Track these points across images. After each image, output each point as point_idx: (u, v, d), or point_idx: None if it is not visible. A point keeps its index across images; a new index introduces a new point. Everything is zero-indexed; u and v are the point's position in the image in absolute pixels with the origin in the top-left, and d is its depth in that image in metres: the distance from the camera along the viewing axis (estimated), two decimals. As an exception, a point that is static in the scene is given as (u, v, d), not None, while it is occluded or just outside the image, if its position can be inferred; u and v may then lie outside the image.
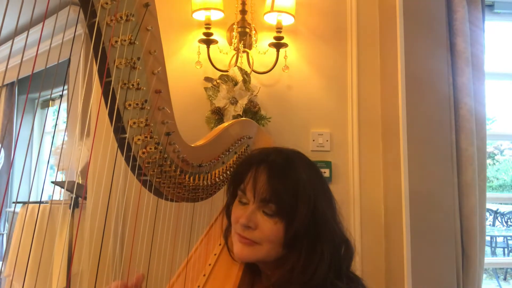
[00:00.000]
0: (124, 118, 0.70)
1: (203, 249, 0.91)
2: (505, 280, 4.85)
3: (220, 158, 0.96)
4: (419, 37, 1.54)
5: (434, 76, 1.55)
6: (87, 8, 0.60)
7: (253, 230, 0.74)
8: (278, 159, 0.77)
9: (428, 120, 1.52)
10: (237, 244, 0.77)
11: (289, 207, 0.72)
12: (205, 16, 1.56)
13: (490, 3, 1.85)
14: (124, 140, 0.71)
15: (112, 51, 0.65)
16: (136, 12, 0.66)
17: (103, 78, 0.66)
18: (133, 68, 0.68)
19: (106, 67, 0.64)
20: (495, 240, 5.23)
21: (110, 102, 0.67)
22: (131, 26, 0.66)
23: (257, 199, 0.74)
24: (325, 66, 1.75)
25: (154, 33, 0.70)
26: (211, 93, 1.61)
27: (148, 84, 0.71)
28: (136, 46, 0.67)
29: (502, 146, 7.15)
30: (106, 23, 0.63)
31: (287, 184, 0.73)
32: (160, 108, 0.75)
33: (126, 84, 0.68)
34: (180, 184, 0.86)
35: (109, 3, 0.62)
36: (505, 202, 5.94)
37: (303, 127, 1.72)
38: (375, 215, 1.68)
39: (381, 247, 1.66)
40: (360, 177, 1.70)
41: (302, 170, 0.77)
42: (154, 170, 0.78)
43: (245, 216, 0.74)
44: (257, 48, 1.69)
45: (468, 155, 1.56)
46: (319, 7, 1.77)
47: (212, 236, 0.94)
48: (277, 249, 0.74)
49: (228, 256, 0.85)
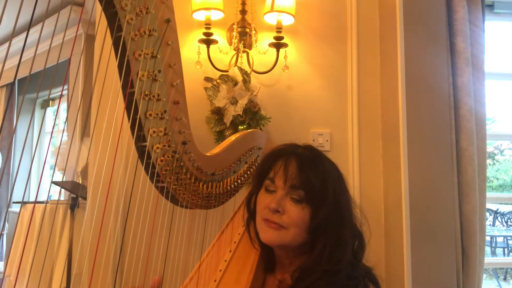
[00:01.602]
0: (145, 127, 0.75)
1: (215, 254, 0.95)
2: (505, 280, 4.85)
3: (231, 167, 1.01)
4: (419, 37, 1.54)
5: (434, 76, 1.55)
6: (113, 23, 0.65)
7: (280, 215, 0.79)
8: (307, 152, 0.84)
9: (428, 120, 1.52)
10: (265, 229, 0.81)
11: (318, 193, 0.78)
12: (205, 16, 1.56)
13: (490, 3, 1.85)
14: (144, 148, 0.76)
15: (135, 64, 0.69)
16: (158, 27, 0.71)
17: (126, 89, 0.70)
18: (154, 80, 0.73)
19: (130, 79, 0.69)
20: (495, 240, 5.23)
21: (132, 112, 0.72)
22: (153, 40, 0.71)
23: (287, 185, 0.80)
24: (325, 66, 1.75)
25: (174, 47, 0.75)
26: (211, 93, 1.61)
27: (168, 95, 0.76)
28: (158, 59, 0.72)
29: (502, 146, 7.16)
30: (131, 37, 0.68)
31: (316, 173, 0.80)
32: (177, 118, 0.79)
33: (147, 95, 0.72)
34: (194, 192, 0.90)
35: (134, 18, 0.67)
36: (505, 202, 5.95)
37: (303, 127, 1.72)
38: (375, 215, 1.68)
39: (381, 247, 1.66)
40: (360, 177, 1.70)
41: (325, 161, 0.84)
42: (171, 177, 0.82)
43: (274, 201, 0.79)
44: (257, 48, 1.69)
45: (468, 155, 1.56)
46: (319, 7, 1.77)
47: (223, 242, 0.98)
48: (302, 234, 0.79)
49: (239, 261, 0.89)
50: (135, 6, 0.66)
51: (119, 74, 0.68)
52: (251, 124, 1.58)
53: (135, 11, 0.66)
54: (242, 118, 1.56)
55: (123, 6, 0.64)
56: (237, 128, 1.57)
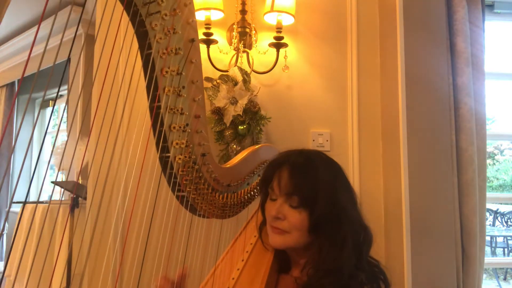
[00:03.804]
0: (169, 139, 0.79)
1: (228, 262, 0.99)
2: (505, 280, 4.85)
3: (245, 179, 1.07)
4: (419, 37, 1.54)
5: (434, 76, 1.55)
6: (144, 41, 0.70)
7: (282, 221, 0.86)
8: (298, 159, 0.89)
9: (428, 120, 1.52)
10: (271, 234, 0.89)
11: (310, 197, 0.83)
12: (205, 16, 1.56)
13: (490, 3, 1.85)
14: (168, 159, 0.81)
15: (162, 80, 0.74)
16: (184, 47, 0.76)
17: (154, 104, 0.75)
18: (178, 95, 0.78)
19: (157, 93, 0.74)
20: (495, 240, 5.23)
21: (159, 125, 0.76)
22: (179, 58, 0.76)
23: (282, 193, 0.86)
24: (325, 66, 1.75)
25: (197, 65, 0.80)
26: (211, 93, 1.61)
27: (190, 110, 0.81)
28: (182, 76, 0.77)
29: (502, 146, 7.16)
30: (160, 55, 0.72)
31: (306, 178, 0.85)
32: (198, 131, 0.84)
33: (172, 109, 0.77)
34: (211, 202, 0.96)
35: (163, 38, 0.71)
36: (505, 202, 5.95)
37: (303, 127, 1.72)
38: (375, 215, 1.68)
39: (381, 247, 1.66)
40: (360, 177, 1.70)
41: (321, 166, 0.89)
42: (190, 187, 0.87)
43: (274, 209, 0.86)
44: (257, 48, 1.69)
45: (468, 155, 1.55)
46: (319, 7, 1.77)
47: (236, 250, 1.02)
48: (304, 236, 0.85)
49: (251, 269, 0.94)
50: (164, 26, 0.71)
51: (147, 90, 0.73)
52: (251, 124, 1.58)
53: (163, 31, 0.71)
54: (242, 118, 1.56)
55: (153, 27, 0.69)
56: (237, 128, 1.57)
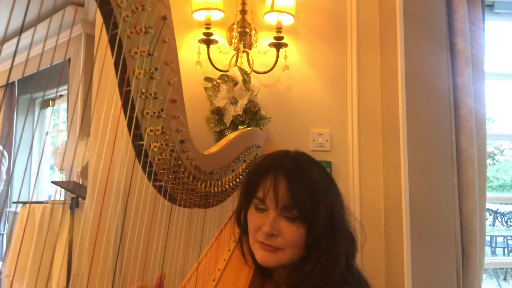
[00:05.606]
0: (142, 126, 0.73)
1: (213, 253, 0.94)
2: (505, 280, 4.85)
3: (230, 166, 1.00)
4: (419, 37, 1.54)
5: (434, 76, 1.54)
6: (109, 20, 0.63)
7: (276, 237, 0.76)
8: (292, 164, 0.79)
9: (428, 120, 1.52)
10: (260, 252, 0.77)
11: (310, 211, 0.74)
12: (205, 16, 1.56)
13: (490, 3, 1.85)
14: (141, 147, 0.74)
15: (132, 61, 0.68)
16: (154, 25, 0.69)
17: (123, 87, 0.69)
18: (151, 78, 0.71)
19: (126, 77, 0.68)
20: (495, 240, 5.22)
21: (129, 110, 0.70)
22: (150, 38, 0.69)
23: (279, 207, 0.75)
24: (325, 66, 1.75)
25: (171, 45, 0.73)
26: (211, 93, 1.61)
27: (165, 94, 0.74)
28: (154, 57, 0.71)
29: (502, 146, 7.16)
30: (127, 35, 0.66)
31: (306, 190, 0.75)
32: (175, 116, 0.78)
33: (144, 94, 0.71)
34: (192, 191, 0.89)
35: (130, 16, 0.65)
36: (505, 202, 5.94)
37: (303, 127, 1.72)
38: (375, 215, 1.68)
39: (381, 247, 1.66)
40: (360, 177, 1.70)
41: (314, 172, 0.79)
42: (168, 176, 0.81)
43: (268, 225, 0.75)
44: (257, 48, 1.69)
45: (468, 155, 1.55)
46: (319, 7, 1.77)
47: (222, 241, 0.97)
48: (299, 252, 0.77)
49: (237, 260, 0.88)
50: (131, 3, 0.65)
51: (115, 72, 0.67)
52: (251, 124, 1.58)
53: (131, 8, 0.65)
54: (242, 118, 1.56)
55: (119, 3, 0.63)
56: (237, 128, 1.57)
